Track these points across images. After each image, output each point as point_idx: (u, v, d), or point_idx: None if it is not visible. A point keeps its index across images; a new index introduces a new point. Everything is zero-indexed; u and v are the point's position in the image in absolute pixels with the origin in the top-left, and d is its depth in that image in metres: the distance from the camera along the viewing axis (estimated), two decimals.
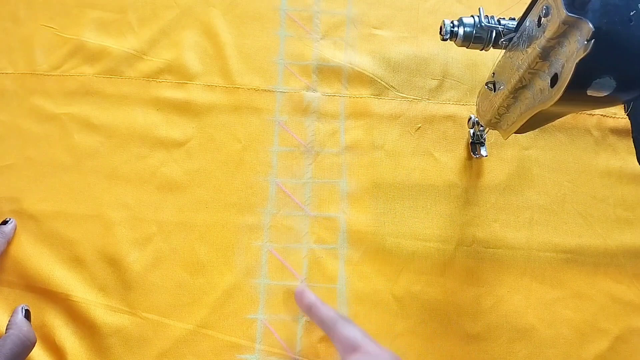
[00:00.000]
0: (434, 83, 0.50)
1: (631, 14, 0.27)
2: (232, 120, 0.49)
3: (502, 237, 0.46)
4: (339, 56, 0.51)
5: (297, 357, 0.43)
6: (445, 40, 0.36)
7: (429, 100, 0.50)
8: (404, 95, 0.50)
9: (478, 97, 0.41)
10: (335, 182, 0.47)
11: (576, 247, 0.47)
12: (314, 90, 0.50)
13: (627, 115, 0.51)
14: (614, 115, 0.51)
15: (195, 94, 0.49)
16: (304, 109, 0.49)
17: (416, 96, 0.50)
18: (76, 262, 0.44)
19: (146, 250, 0.45)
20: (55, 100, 0.48)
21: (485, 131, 0.46)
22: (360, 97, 0.50)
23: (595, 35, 0.26)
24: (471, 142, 0.48)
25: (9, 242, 0.44)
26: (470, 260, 0.46)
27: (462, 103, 0.50)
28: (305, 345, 0.43)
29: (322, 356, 0.43)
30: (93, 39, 0.50)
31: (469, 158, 0.48)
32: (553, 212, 0.48)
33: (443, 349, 0.43)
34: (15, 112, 0.48)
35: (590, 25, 0.26)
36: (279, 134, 0.49)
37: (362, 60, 0.51)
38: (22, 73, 0.49)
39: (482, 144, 0.47)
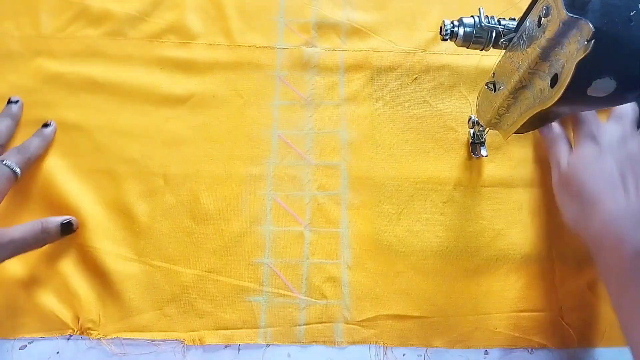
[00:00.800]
0: (430, 35, 0.51)
1: (631, 14, 0.26)
2: (233, 77, 0.50)
3: (498, 176, 0.48)
4: (338, 13, 0.52)
5: (303, 297, 0.44)
6: (445, 40, 0.35)
7: (425, 51, 0.51)
8: (401, 47, 0.51)
9: (478, 97, 0.41)
10: (336, 131, 0.49)
11: None
12: (314, 46, 0.51)
13: None
14: None
15: (197, 52, 0.50)
16: (304, 64, 0.50)
17: (413, 48, 0.51)
18: (86, 214, 0.45)
19: (154, 202, 0.46)
20: (61, 61, 0.49)
21: (485, 131, 0.47)
22: (359, 51, 0.51)
23: (595, 35, 0.26)
24: (471, 142, 0.48)
25: (48, 145, 0.47)
26: (468, 199, 0.47)
27: (457, 53, 0.51)
28: (311, 286, 0.44)
29: (328, 296, 0.44)
30: (97, 2, 0.51)
31: (469, 158, 0.48)
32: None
33: (443, 284, 0.45)
34: (22, 73, 0.49)
35: (590, 26, 0.26)
36: (280, 88, 0.50)
37: (360, 16, 0.52)
38: (28, 36, 0.50)
39: (482, 144, 0.47)
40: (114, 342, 0.43)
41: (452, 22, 0.35)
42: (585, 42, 0.26)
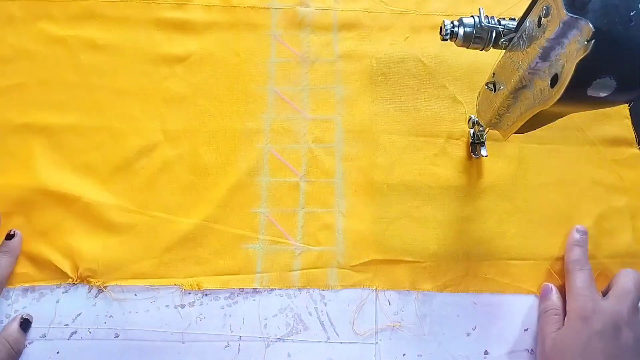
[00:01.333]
0: None
1: (631, 14, 0.26)
2: (230, 37, 0.51)
3: (491, 133, 0.48)
4: None
5: (298, 244, 0.45)
6: (445, 40, 0.35)
7: (416, 12, 0.52)
8: (393, 8, 0.52)
9: (478, 97, 0.41)
10: (331, 87, 0.50)
11: (560, 138, 0.49)
12: (307, 6, 0.52)
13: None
14: None
15: (193, 13, 0.51)
16: (298, 23, 0.52)
17: (404, 9, 0.52)
18: (87, 168, 0.46)
19: (153, 156, 0.47)
20: (60, 24, 0.50)
21: (485, 131, 0.47)
22: (352, 11, 0.52)
23: (595, 35, 0.26)
24: (471, 142, 0.48)
25: (17, 259, 0.43)
26: (460, 150, 0.48)
27: (447, 14, 0.52)
28: (306, 234, 0.46)
29: (323, 242, 0.45)
30: None
31: (469, 158, 0.49)
32: None
33: (436, 230, 0.46)
34: (23, 36, 0.50)
35: (590, 26, 0.26)
36: (276, 46, 0.51)
37: None
38: (28, 0, 0.51)
39: (482, 144, 0.47)
40: (114, 289, 0.43)
41: (452, 22, 0.35)
42: (585, 42, 0.26)
